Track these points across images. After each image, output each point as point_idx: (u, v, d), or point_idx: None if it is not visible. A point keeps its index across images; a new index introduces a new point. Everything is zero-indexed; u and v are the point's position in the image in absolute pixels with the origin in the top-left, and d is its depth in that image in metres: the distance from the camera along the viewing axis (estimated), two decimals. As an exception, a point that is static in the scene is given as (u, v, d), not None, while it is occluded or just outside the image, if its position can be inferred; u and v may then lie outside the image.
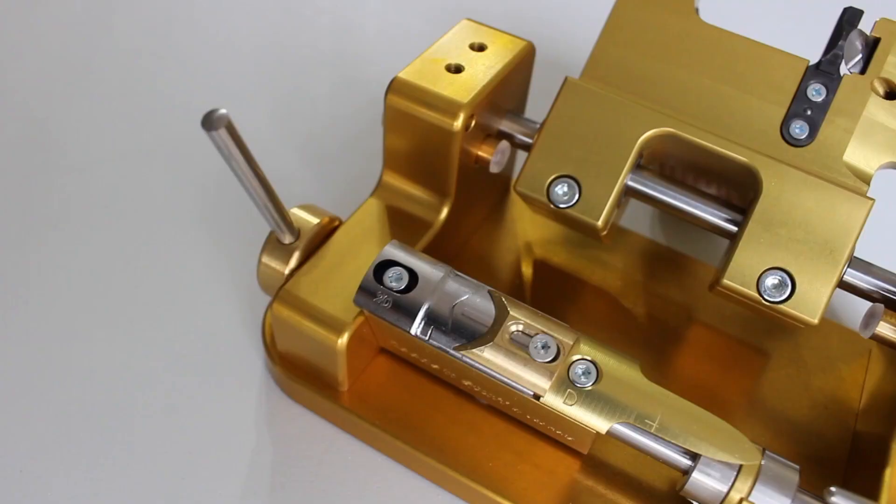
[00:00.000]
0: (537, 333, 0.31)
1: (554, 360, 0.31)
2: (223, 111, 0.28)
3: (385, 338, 0.35)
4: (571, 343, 0.31)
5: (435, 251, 0.37)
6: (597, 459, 0.35)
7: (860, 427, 0.37)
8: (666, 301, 0.42)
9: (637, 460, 0.35)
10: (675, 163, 0.41)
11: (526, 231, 0.43)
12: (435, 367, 0.34)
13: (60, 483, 0.34)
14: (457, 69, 0.36)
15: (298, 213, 0.36)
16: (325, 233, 0.36)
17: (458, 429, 0.35)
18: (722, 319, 0.41)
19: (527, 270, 0.42)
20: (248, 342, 0.39)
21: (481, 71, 0.36)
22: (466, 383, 0.34)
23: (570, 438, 0.34)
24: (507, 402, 0.33)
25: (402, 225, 0.37)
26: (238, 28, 0.58)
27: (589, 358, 0.31)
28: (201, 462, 0.35)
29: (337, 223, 0.36)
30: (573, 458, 0.35)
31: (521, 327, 0.31)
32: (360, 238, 0.36)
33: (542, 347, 0.31)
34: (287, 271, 0.35)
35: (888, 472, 0.32)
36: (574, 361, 0.31)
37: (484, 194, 0.42)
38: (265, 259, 0.35)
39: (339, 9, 0.60)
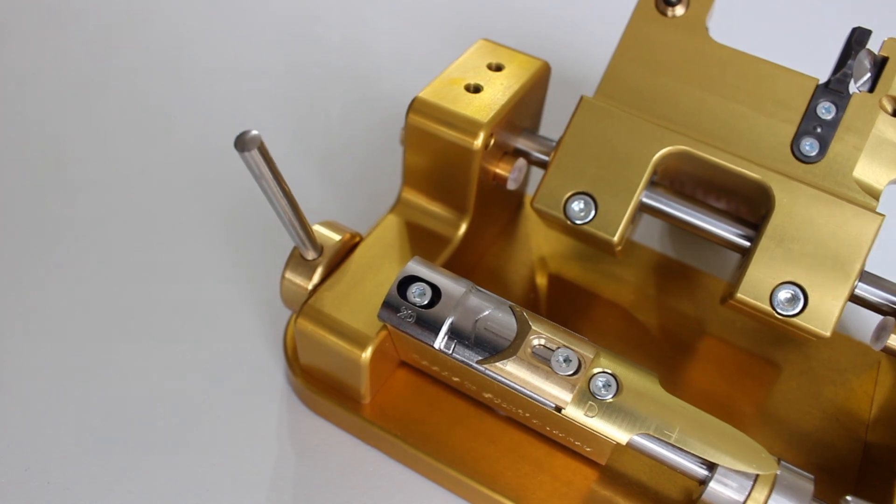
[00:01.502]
0: (559, 347, 0.32)
1: (575, 373, 0.31)
2: (255, 132, 0.29)
3: (407, 352, 0.35)
4: (592, 356, 0.32)
5: (453, 266, 0.38)
6: (614, 470, 0.36)
7: (871, 438, 0.38)
8: (678, 314, 0.43)
9: (653, 471, 0.36)
10: (686, 178, 0.42)
11: (539, 246, 0.44)
12: (456, 380, 0.35)
13: (84, 493, 0.34)
14: (476, 89, 0.37)
15: (320, 230, 0.36)
16: (347, 249, 0.37)
17: (477, 440, 0.36)
18: (733, 332, 0.42)
19: (541, 284, 0.43)
20: (269, 356, 0.39)
21: (500, 90, 0.37)
22: (487, 396, 0.35)
23: (588, 449, 0.34)
24: (528, 414, 0.34)
25: (421, 241, 0.38)
26: (253, 48, 0.59)
27: (609, 371, 0.32)
28: (224, 475, 0.35)
29: (358, 239, 0.37)
30: (591, 468, 0.35)
31: (542, 341, 0.32)
32: (380, 254, 0.37)
33: (564, 361, 0.32)
34: (310, 287, 0.35)
35: (899, 482, 0.33)
36: (595, 374, 0.32)
37: (499, 210, 0.42)
38: (289, 275, 0.36)
39: (350, 28, 0.61)
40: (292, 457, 0.36)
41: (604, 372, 0.32)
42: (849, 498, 0.30)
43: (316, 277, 0.36)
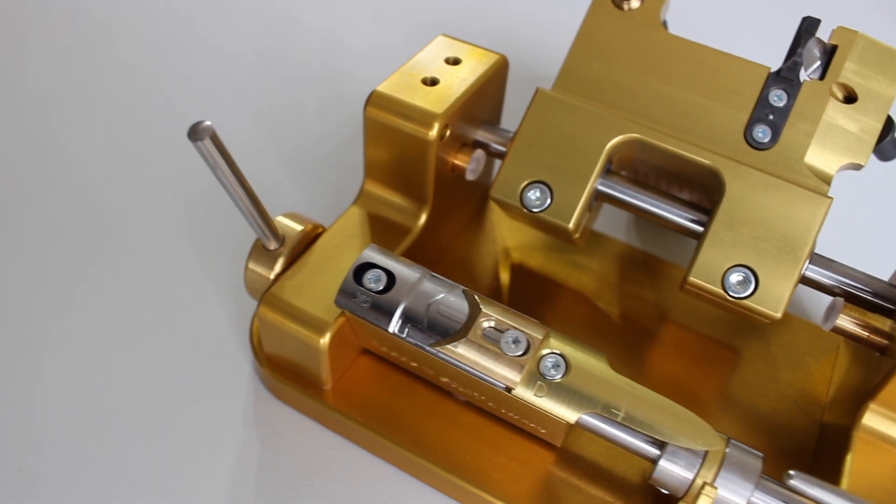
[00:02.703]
0: (508, 329, 0.33)
1: (524, 353, 0.32)
2: (208, 123, 0.30)
3: (366, 338, 0.36)
4: (541, 338, 0.32)
5: (415, 256, 0.39)
6: (570, 452, 0.36)
7: (827, 419, 0.38)
8: (641, 302, 0.43)
9: (609, 452, 0.36)
10: (647, 169, 0.43)
11: (505, 237, 0.45)
12: (414, 365, 0.36)
13: (54, 480, 0.35)
14: (432, 82, 0.38)
15: (283, 221, 0.37)
16: (309, 239, 0.37)
17: (437, 424, 0.36)
18: (695, 319, 0.43)
19: (506, 274, 0.44)
20: (237, 346, 0.40)
21: (455, 83, 0.38)
22: (444, 380, 0.36)
23: (543, 431, 0.35)
24: (483, 397, 0.35)
25: (382, 231, 0.39)
26: (230, 48, 0.60)
27: (558, 352, 0.32)
28: (190, 460, 0.36)
29: (320, 230, 0.38)
30: (547, 451, 0.36)
31: (492, 323, 0.33)
32: (342, 244, 0.38)
33: (513, 342, 0.32)
34: (272, 276, 0.36)
35: (849, 458, 0.33)
36: (544, 355, 0.32)
37: (463, 202, 0.43)
38: (251, 265, 0.37)
39: (326, 28, 0.62)
40: (257, 443, 0.37)
41: (553, 353, 0.32)
42: (791, 472, 0.31)
43: (278, 267, 0.36)
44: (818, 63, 0.39)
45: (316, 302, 0.35)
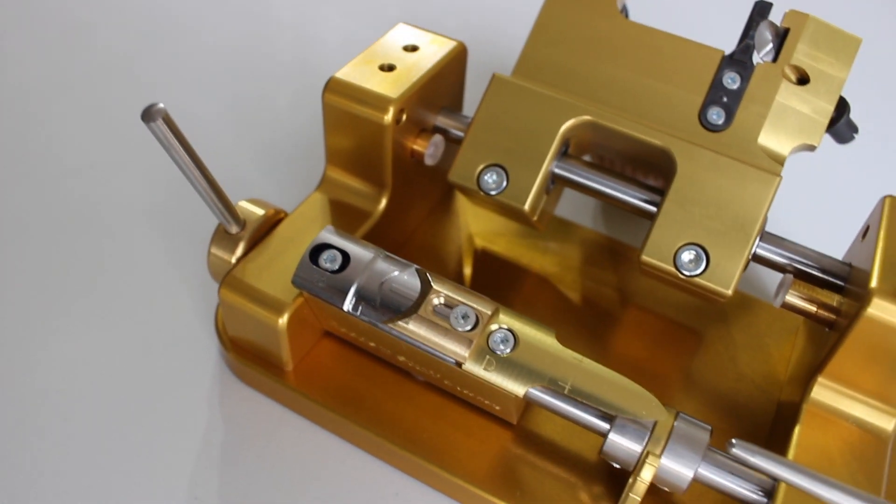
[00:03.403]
0: (458, 305, 0.33)
1: (473, 329, 0.33)
2: (160, 105, 0.31)
3: (325, 318, 0.37)
4: (490, 313, 0.33)
5: (378, 240, 0.40)
6: (527, 430, 0.37)
7: (784, 397, 0.39)
8: (605, 286, 0.44)
9: (566, 430, 0.37)
10: (612, 155, 0.44)
11: (470, 223, 0.46)
12: (372, 345, 0.37)
13: (18, 462, 0.36)
14: (389, 68, 0.39)
15: (245, 206, 0.38)
16: (271, 224, 0.38)
17: (396, 404, 0.37)
18: (658, 302, 0.43)
19: (472, 260, 0.44)
20: (204, 331, 0.41)
21: (412, 69, 0.38)
22: (401, 359, 0.36)
23: (497, 408, 0.35)
24: (438, 375, 0.35)
25: (343, 215, 0.39)
26: (205, 41, 0.62)
27: (507, 327, 0.33)
28: (154, 442, 0.37)
29: (282, 215, 0.39)
30: (504, 429, 0.37)
31: (442, 300, 0.33)
32: (303, 228, 0.38)
33: (462, 317, 0.33)
34: (234, 260, 0.37)
35: (797, 430, 0.34)
36: (493, 330, 0.33)
37: (426, 188, 0.44)
38: (213, 249, 0.38)
39: (300, 22, 0.64)
40: (221, 425, 0.38)
41: (502, 328, 0.33)
42: (733, 441, 0.31)
43: (239, 251, 0.37)
44: (770, 46, 0.39)
45: (275, 284, 0.36)
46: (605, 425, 0.33)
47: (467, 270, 0.44)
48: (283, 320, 0.35)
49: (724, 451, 0.33)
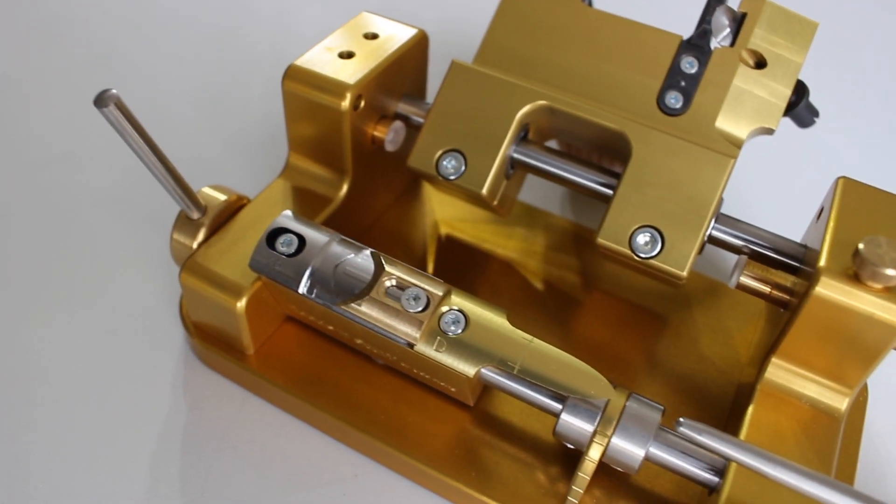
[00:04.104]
0: (409, 287, 0.34)
1: (424, 310, 0.33)
2: (114, 91, 0.32)
3: (284, 302, 0.37)
4: (442, 294, 0.33)
5: (341, 226, 0.40)
6: (485, 412, 0.37)
7: (743, 379, 0.39)
8: (571, 272, 0.44)
9: (523, 413, 0.37)
10: (571, 140, 0.44)
11: (437, 210, 0.46)
12: (330, 328, 0.37)
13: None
14: (349, 55, 0.39)
15: (208, 192, 0.39)
16: (233, 210, 0.39)
17: (356, 387, 0.37)
18: (622, 287, 0.43)
19: (438, 245, 0.45)
20: (169, 317, 0.42)
21: (371, 56, 0.39)
22: (359, 342, 0.37)
23: (453, 389, 0.36)
24: (395, 357, 0.36)
25: (305, 201, 0.40)
26: (180, 29, 0.63)
27: (458, 308, 0.33)
28: (117, 425, 0.37)
29: (245, 201, 0.39)
30: (463, 411, 0.37)
31: (394, 282, 0.34)
32: (264, 214, 0.39)
33: (413, 299, 0.33)
34: (195, 245, 0.38)
35: (751, 409, 0.34)
36: (444, 312, 0.33)
37: (391, 175, 0.44)
38: (175, 235, 0.38)
39: (277, 11, 0.65)
40: (184, 408, 0.38)
41: (453, 309, 0.33)
42: (681, 420, 0.31)
43: (200, 236, 0.38)
44: (728, 31, 0.39)
45: (234, 268, 0.37)
46: (557, 406, 0.33)
47: (433, 256, 0.44)
48: (242, 304, 0.36)
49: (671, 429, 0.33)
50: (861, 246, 0.31)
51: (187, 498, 0.35)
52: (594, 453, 0.31)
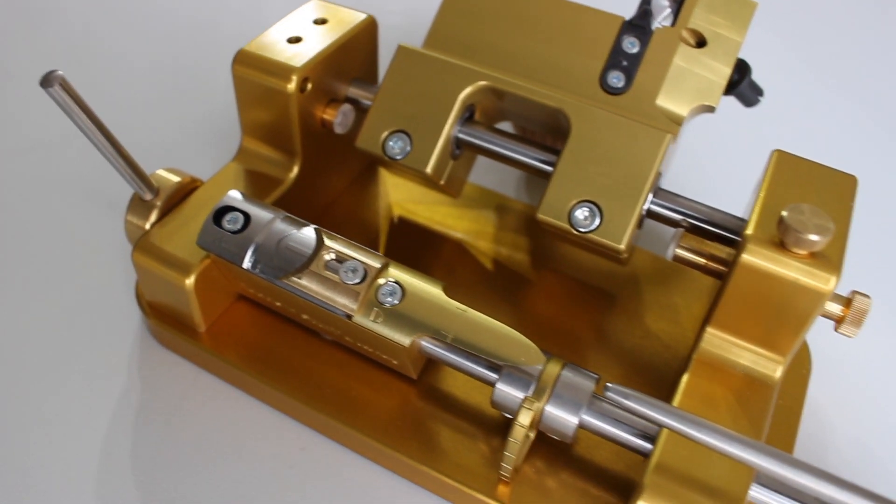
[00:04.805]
0: (347, 260, 0.34)
1: (361, 282, 0.34)
2: (59, 72, 0.33)
3: (233, 280, 0.38)
4: (379, 267, 0.34)
5: (295, 208, 0.41)
6: (430, 385, 0.38)
7: (689, 353, 0.39)
8: (523, 252, 0.45)
9: (467, 385, 0.38)
10: (518, 120, 0.45)
11: (392, 192, 0.47)
12: (278, 304, 0.38)
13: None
14: (296, 40, 0.40)
15: (161, 174, 0.40)
16: (185, 191, 0.40)
17: (304, 363, 0.38)
18: (573, 266, 0.44)
19: (394, 227, 0.45)
20: (127, 298, 0.42)
21: (318, 41, 0.40)
22: (305, 317, 0.37)
23: (395, 362, 0.36)
24: (339, 332, 0.37)
25: (257, 183, 0.41)
26: (147, 19, 0.64)
27: (395, 280, 0.34)
28: (73, 401, 0.38)
29: (198, 184, 0.40)
30: (408, 385, 0.38)
31: (333, 256, 0.35)
32: (216, 196, 0.40)
33: (352, 271, 0.34)
34: (147, 226, 0.39)
35: (685, 378, 0.34)
36: (381, 284, 0.34)
37: (345, 158, 0.45)
38: (129, 216, 0.39)
39: (249, 7, 0.66)
40: (139, 385, 0.39)
41: (390, 281, 0.34)
42: (608, 384, 0.32)
43: (153, 217, 0.39)
44: (668, 11, 0.40)
45: (184, 247, 0.38)
46: (493, 376, 0.34)
47: (388, 238, 0.45)
48: (191, 280, 0.37)
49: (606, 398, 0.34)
50: (784, 213, 0.32)
51: (137, 470, 0.36)
52: (524, 418, 0.32)
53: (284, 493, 0.35)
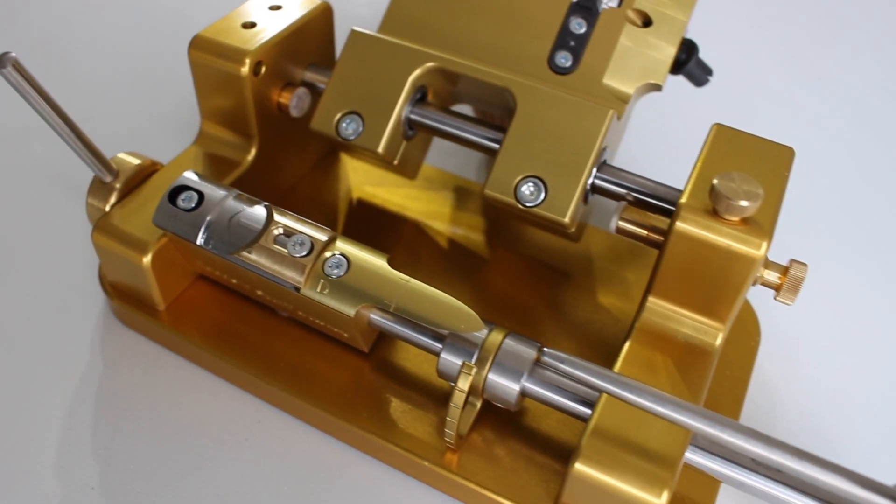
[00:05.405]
0: (295, 234, 0.35)
1: (308, 254, 0.35)
2: (12, 54, 0.34)
3: (190, 258, 0.39)
4: (325, 240, 0.35)
5: (253, 189, 0.42)
6: (381, 359, 0.39)
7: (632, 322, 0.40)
8: (481, 232, 0.46)
9: (417, 358, 0.39)
10: (470, 102, 0.45)
11: (353, 176, 0.48)
12: (234, 281, 0.39)
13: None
14: (251, 25, 0.41)
15: (122, 157, 0.41)
16: (145, 174, 0.41)
17: (261, 339, 0.39)
18: (529, 245, 0.45)
19: (354, 211, 0.46)
20: (91, 279, 0.43)
21: (272, 26, 0.41)
22: (259, 293, 0.38)
23: (346, 335, 0.37)
24: (292, 306, 0.37)
25: (216, 166, 0.42)
26: (118, 9, 0.66)
27: (341, 253, 0.35)
28: (35, 378, 0.39)
29: (158, 167, 0.41)
30: (360, 359, 0.39)
31: (281, 230, 0.36)
32: (175, 178, 0.41)
33: (299, 245, 0.35)
34: (107, 208, 0.40)
35: (626, 346, 0.35)
36: (328, 257, 0.35)
37: (303, 142, 0.46)
38: (89, 199, 0.40)
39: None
40: (100, 364, 0.40)
41: (336, 254, 0.35)
42: (545, 349, 0.33)
43: (112, 199, 0.40)
44: (614, -9, 0.41)
45: (142, 227, 0.39)
46: (438, 346, 0.35)
47: (348, 220, 0.46)
48: (148, 259, 0.38)
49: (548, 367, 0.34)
50: (715, 181, 0.33)
51: (97, 446, 0.37)
52: (462, 383, 0.33)
53: (240, 464, 0.36)
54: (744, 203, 0.32)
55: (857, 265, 0.48)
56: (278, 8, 0.42)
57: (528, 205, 0.38)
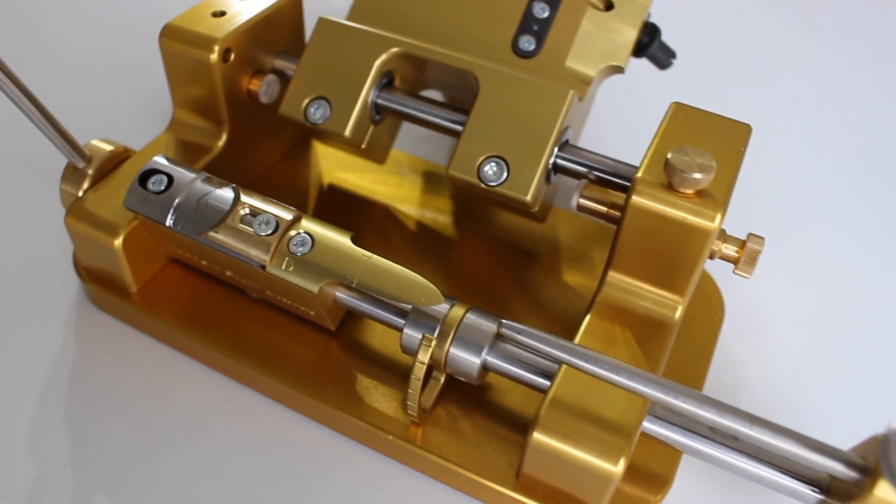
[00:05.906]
0: (261, 213, 0.36)
1: (273, 233, 0.36)
2: (-18, 40, 0.35)
3: (161, 241, 0.40)
4: (291, 219, 0.36)
5: (225, 174, 0.42)
6: (349, 337, 0.39)
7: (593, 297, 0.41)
8: (449, 215, 0.46)
9: (384, 336, 0.39)
10: (436, 87, 0.46)
11: (321, 163, 0.49)
12: (204, 263, 0.39)
13: None
14: (220, 14, 0.42)
15: (95, 144, 0.41)
16: (118, 160, 0.41)
17: (232, 320, 0.40)
18: (497, 227, 0.46)
19: (326, 197, 0.47)
20: (66, 264, 0.44)
21: (240, 14, 0.42)
22: (228, 274, 0.39)
23: (312, 314, 0.38)
24: (260, 286, 0.38)
25: (187, 152, 0.43)
26: (105, 8, 0.67)
27: (305, 231, 0.36)
28: (10, 363, 0.40)
29: (131, 153, 0.42)
30: (328, 337, 0.39)
31: (248, 210, 0.36)
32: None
33: (265, 223, 0.36)
34: (80, 193, 0.40)
35: (587, 319, 0.36)
36: (293, 235, 0.36)
37: (275, 129, 0.47)
38: (63, 185, 0.41)
39: None
40: (74, 346, 0.41)
41: (301, 232, 0.36)
42: (503, 321, 0.33)
43: (85, 184, 0.41)
44: (576, -24, 0.42)
45: (114, 210, 0.39)
46: (401, 321, 0.36)
47: (319, 204, 0.47)
48: (119, 241, 0.38)
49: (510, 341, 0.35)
50: (669, 155, 0.33)
51: (70, 425, 0.38)
52: (422, 355, 0.33)
53: (210, 441, 0.37)
54: (697, 175, 0.33)
55: (819, 241, 0.49)
56: (248, -3, 0.43)
57: (490, 184, 0.39)
